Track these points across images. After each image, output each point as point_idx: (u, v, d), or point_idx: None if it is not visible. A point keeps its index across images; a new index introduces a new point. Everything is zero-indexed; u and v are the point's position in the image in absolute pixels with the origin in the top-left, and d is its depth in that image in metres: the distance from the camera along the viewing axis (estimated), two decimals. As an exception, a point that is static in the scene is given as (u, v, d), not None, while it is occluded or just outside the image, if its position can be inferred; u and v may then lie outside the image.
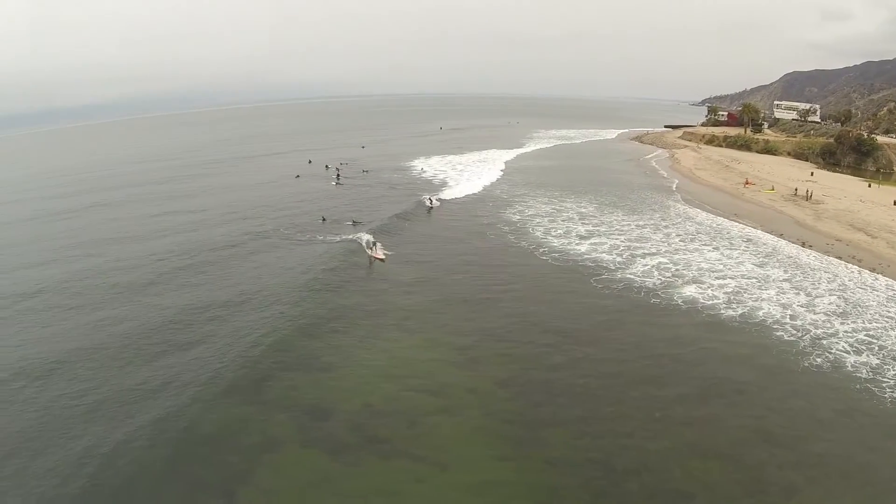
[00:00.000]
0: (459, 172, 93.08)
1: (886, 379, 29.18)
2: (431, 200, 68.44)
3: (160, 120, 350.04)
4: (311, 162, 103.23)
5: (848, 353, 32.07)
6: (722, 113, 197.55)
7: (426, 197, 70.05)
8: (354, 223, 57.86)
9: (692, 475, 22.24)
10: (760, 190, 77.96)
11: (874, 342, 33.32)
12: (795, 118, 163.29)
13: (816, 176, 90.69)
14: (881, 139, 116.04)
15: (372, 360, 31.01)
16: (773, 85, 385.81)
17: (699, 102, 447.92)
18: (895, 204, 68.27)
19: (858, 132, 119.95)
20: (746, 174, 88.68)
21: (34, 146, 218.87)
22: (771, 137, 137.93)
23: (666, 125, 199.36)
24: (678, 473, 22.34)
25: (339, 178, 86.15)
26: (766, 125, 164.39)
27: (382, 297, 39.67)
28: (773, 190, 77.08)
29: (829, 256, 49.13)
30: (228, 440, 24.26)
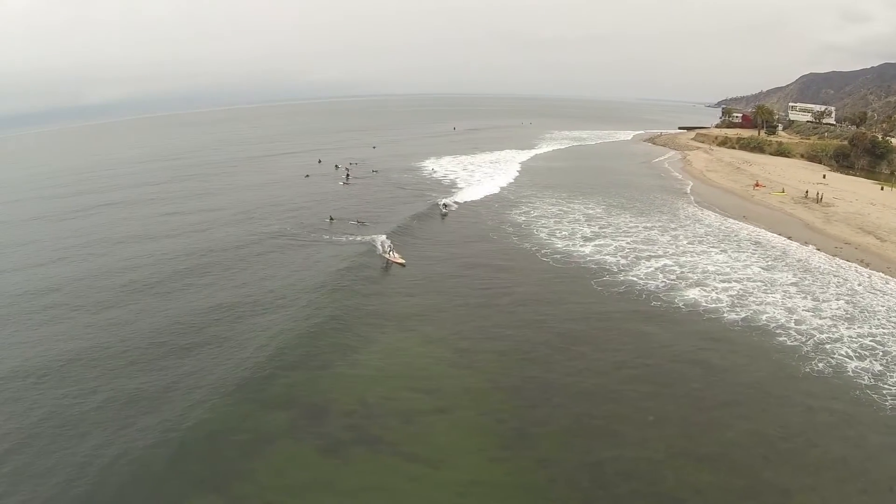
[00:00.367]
0: (470, 173, 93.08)
1: (888, 386, 28.72)
2: (446, 205, 66.35)
3: (164, 120, 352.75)
4: (320, 161, 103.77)
5: (851, 358, 31.62)
6: (736, 115, 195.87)
7: (441, 202, 67.76)
8: (359, 223, 58.17)
9: (684, 480, 22.09)
10: (770, 192, 77.15)
11: (879, 348, 32.80)
12: (810, 120, 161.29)
13: (829, 179, 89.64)
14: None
15: (369, 359, 31.18)
16: (789, 87, 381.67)
17: (715, 104, 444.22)
18: (908, 207, 67.32)
19: (873, 134, 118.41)
20: (757, 176, 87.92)
21: (35, 146, 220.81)
22: (784, 139, 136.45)
23: (680, 127, 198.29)
24: (669, 478, 22.19)
25: (348, 177, 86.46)
26: (780, 127, 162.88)
27: (382, 297, 39.81)
28: (783, 192, 76.26)
29: (837, 260, 48.54)
30: (227, 437, 24.49)
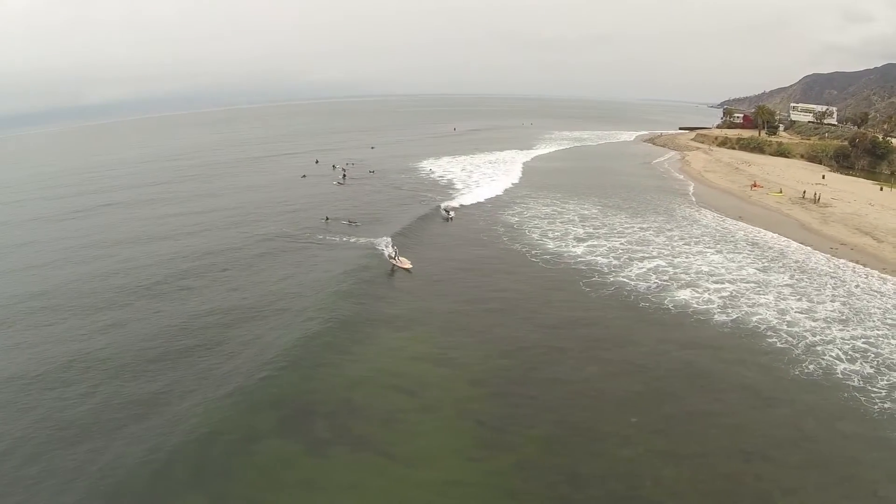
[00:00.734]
0: (468, 174, 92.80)
1: (876, 389, 28.38)
2: (447, 210, 63.84)
3: (165, 120, 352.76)
4: (318, 162, 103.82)
5: (841, 360, 31.26)
6: (738, 115, 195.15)
7: (443, 206, 65.52)
8: (350, 223, 58.21)
9: (661, 483, 21.86)
10: (768, 193, 76.73)
11: (871, 350, 32.41)
12: (811, 121, 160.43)
13: (828, 179, 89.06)
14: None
15: (354, 358, 31.17)
16: (792, 87, 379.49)
17: (718, 105, 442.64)
18: (906, 208, 66.81)
19: (873, 135, 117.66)
20: (755, 177, 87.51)
21: (35, 146, 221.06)
22: (784, 140, 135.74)
23: (680, 127, 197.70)
24: (647, 481, 21.97)
25: (344, 178, 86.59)
26: (781, 127, 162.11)
27: (370, 299, 39.53)
28: (781, 193, 75.87)
29: (834, 261, 48.21)
30: (214, 437, 24.57)
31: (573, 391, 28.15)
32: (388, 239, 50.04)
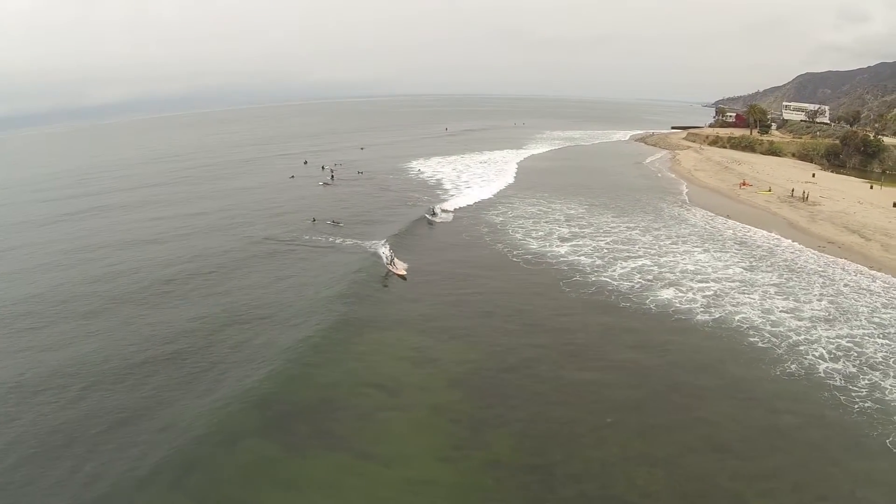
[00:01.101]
0: (458, 174, 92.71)
1: (857, 388, 28.08)
2: (434, 213, 61.79)
3: (166, 121, 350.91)
4: (306, 163, 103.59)
5: (824, 360, 30.94)
6: (730, 114, 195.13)
7: (431, 209, 63.28)
8: (334, 223, 58.14)
9: (634, 483, 21.57)
10: (757, 191, 76.55)
11: (855, 349, 32.08)
12: (804, 119, 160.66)
13: (818, 177, 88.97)
14: (888, 140, 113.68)
15: (336, 360, 31.00)
16: (786, 86, 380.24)
17: (712, 104, 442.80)
18: (894, 206, 66.59)
19: (864, 133, 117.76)
20: (745, 175, 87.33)
21: (34, 147, 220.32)
22: (776, 139, 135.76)
23: (673, 126, 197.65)
24: (620, 481, 21.71)
25: (332, 178, 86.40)
26: (774, 126, 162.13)
27: (353, 300, 39.19)
28: (769, 191, 75.68)
29: (824, 259, 48.03)
30: (186, 431, 24.64)
31: (548, 391, 27.87)
32: (384, 243, 49.30)
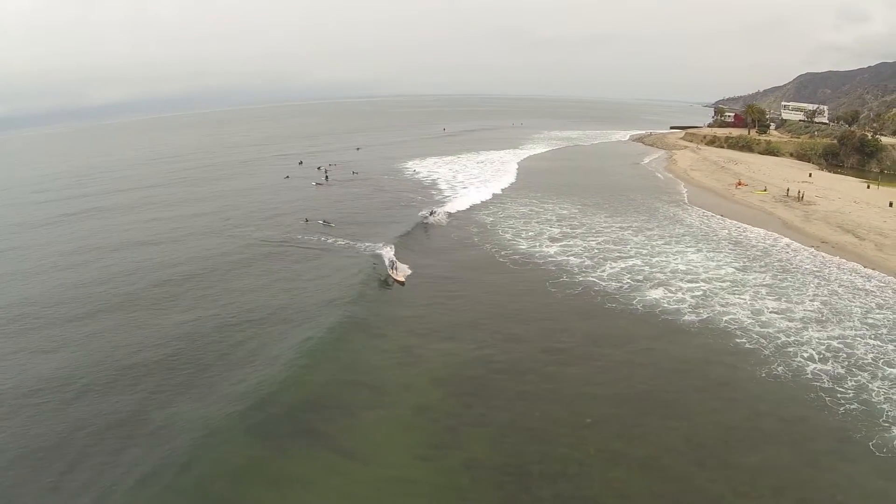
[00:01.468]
0: (454, 174, 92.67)
1: (843, 389, 27.68)
2: (430, 214, 60.65)
3: (166, 121, 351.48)
4: (301, 163, 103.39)
5: (813, 361, 30.50)
6: (729, 114, 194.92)
7: (425, 211, 61.65)
8: (325, 223, 58.17)
9: (610, 484, 21.40)
10: (752, 191, 76.18)
11: (844, 350, 31.62)
12: (802, 119, 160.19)
13: (815, 177, 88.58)
14: (886, 140, 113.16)
15: (319, 358, 30.95)
16: (786, 86, 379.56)
17: (712, 104, 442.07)
18: (890, 206, 66.19)
19: (862, 133, 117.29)
20: (741, 175, 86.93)
21: (33, 148, 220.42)
22: (773, 138, 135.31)
23: (672, 126, 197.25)
24: (596, 482, 21.56)
25: (327, 179, 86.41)
26: (772, 126, 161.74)
27: (341, 300, 38.96)
28: (765, 191, 75.31)
29: (819, 258, 47.71)
30: (171, 428, 24.75)
31: (529, 392, 27.68)
32: (386, 247, 47.94)
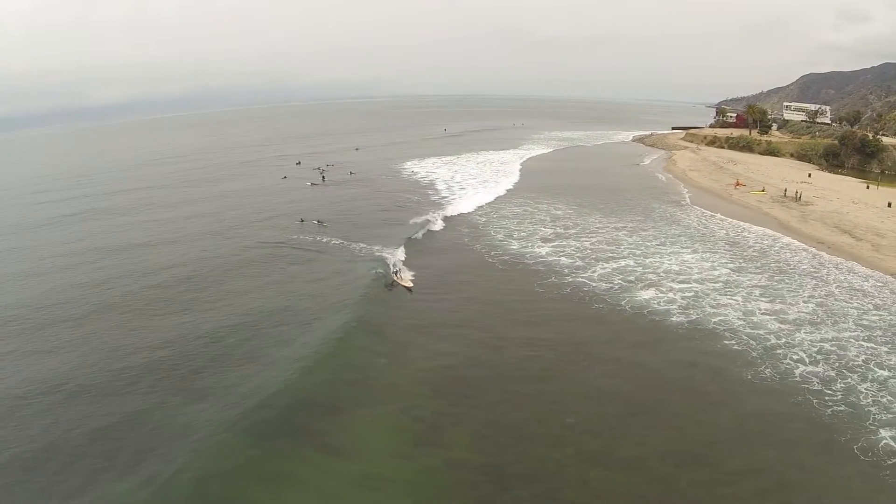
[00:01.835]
0: (453, 174, 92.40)
1: (831, 391, 27.25)
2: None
3: (166, 122, 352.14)
4: (299, 164, 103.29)
5: (803, 363, 29.97)
6: (731, 114, 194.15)
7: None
8: (319, 223, 58.19)
9: (588, 486, 21.20)
10: (750, 191, 75.76)
11: (836, 352, 31.05)
12: (804, 119, 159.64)
13: (815, 178, 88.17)
14: (887, 140, 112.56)
15: (307, 354, 30.88)
16: (789, 87, 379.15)
17: (715, 104, 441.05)
18: (889, 206, 65.73)
19: (863, 133, 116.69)
20: (739, 175, 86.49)
21: (33, 148, 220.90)
22: (774, 139, 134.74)
23: (673, 127, 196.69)
24: (574, 483, 21.38)
25: (323, 179, 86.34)
26: (774, 126, 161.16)
27: (326, 292, 39.30)
28: (763, 191, 74.88)
29: (818, 259, 47.34)
30: (157, 426, 24.81)
31: (511, 392, 27.53)
32: (392, 251, 47.78)
